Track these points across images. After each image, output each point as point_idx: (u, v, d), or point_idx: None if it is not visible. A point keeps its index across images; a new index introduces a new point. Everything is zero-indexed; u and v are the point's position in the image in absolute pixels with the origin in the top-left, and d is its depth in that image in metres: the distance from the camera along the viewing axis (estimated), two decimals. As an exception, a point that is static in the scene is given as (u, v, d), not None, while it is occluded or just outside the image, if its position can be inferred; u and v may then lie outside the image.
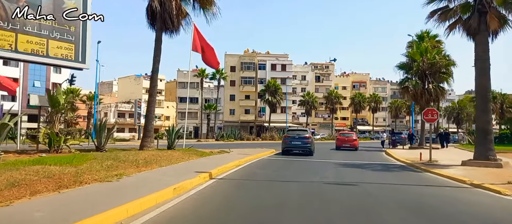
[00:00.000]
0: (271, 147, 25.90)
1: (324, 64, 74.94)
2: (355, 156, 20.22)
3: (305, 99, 61.56)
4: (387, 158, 18.92)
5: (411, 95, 26.52)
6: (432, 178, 10.70)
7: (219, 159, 14.34)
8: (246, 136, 41.63)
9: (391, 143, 27.81)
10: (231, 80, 64.55)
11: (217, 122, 64.84)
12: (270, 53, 67.15)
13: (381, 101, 74.19)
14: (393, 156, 19.23)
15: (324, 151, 24.39)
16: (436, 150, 24.85)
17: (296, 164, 14.60)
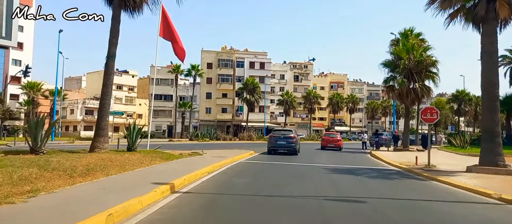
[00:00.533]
0: (249, 148, 23.68)
1: (303, 63, 73.63)
2: (342, 159, 18.39)
3: (284, 98, 59.83)
4: (377, 161, 17.16)
5: (396, 94, 25.13)
6: (446, 190, 8.82)
7: (188, 163, 11.93)
8: (222, 135, 39.22)
9: (374, 144, 26.33)
10: (207, 77, 61.81)
11: (193, 121, 61.86)
12: (249, 51, 64.93)
13: (359, 102, 73.81)
14: (383, 159, 17.51)
15: (308, 152, 22.48)
16: (421, 152, 23.59)
17: (281, 169, 12.44)
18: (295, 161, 15.78)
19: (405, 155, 20.27)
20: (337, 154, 22.68)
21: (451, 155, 20.30)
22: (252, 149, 22.33)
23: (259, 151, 21.87)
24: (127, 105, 67.70)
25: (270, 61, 64.00)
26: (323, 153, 22.89)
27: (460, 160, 16.97)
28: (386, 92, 26.41)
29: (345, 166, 14.09)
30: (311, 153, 22.82)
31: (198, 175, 9.43)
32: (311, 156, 19.36)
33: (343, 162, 16.42)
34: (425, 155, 20.50)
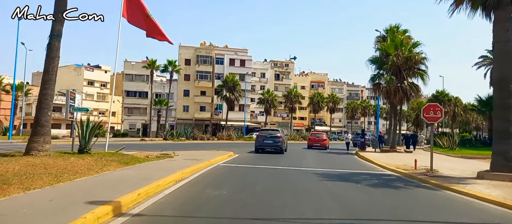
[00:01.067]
0: (229, 148, 21.60)
1: (284, 62, 72.15)
2: (331, 161, 16.70)
3: (265, 97, 58.03)
4: (369, 165, 15.51)
5: (384, 92, 23.78)
6: (471, 204, 7.12)
7: (152, 169, 9.73)
8: (200, 135, 36.86)
9: (359, 144, 24.89)
10: (185, 74, 59.04)
11: (169, 119, 58.97)
12: (229, 47, 62.68)
13: (339, 102, 73.17)
14: (374, 161, 15.91)
15: (294, 152, 20.68)
16: (410, 154, 22.33)
17: (267, 175, 10.46)
18: (282, 164, 13.87)
19: (395, 157, 18.83)
20: (324, 154, 21.04)
21: (444, 157, 19.04)
22: (232, 150, 20.28)
23: (240, 151, 19.85)
24: (99, 102, 63.81)
25: (250, 59, 62.03)
26: (310, 152, 21.24)
27: (459, 163, 15.62)
28: (372, 90, 24.98)
29: (339, 171, 12.29)
30: (297, 153, 21.09)
31: (161, 186, 7.29)
32: (298, 157, 17.57)
33: (334, 165, 14.67)
34: (406, 156, 19.34)
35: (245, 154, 19.22)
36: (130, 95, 58.51)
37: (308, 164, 14.56)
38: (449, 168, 12.95)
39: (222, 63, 59.96)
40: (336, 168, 13.08)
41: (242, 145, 30.85)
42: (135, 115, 58.42)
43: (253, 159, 16.59)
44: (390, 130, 30.76)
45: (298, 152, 22.80)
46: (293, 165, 13.66)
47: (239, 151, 20.29)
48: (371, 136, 35.56)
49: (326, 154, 22.33)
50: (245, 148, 24.63)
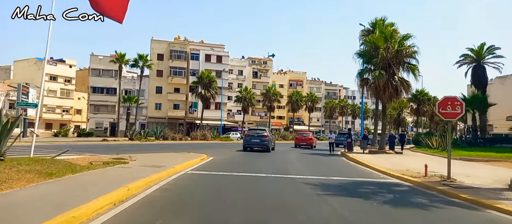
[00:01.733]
0: (202, 150, 18.89)
1: (262, 59, 69.84)
2: (322, 165, 14.39)
3: (243, 95, 55.39)
4: (366, 170, 13.26)
5: (372, 88, 21.81)
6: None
7: (85, 184, 6.86)
8: (171, 134, 33.55)
9: (346, 145, 22.83)
10: (158, 70, 55.35)
11: (140, 118, 55.07)
12: (205, 43, 59.51)
13: (318, 101, 71.77)
14: (371, 165, 13.70)
15: (279, 155, 18.16)
16: (395, 155, 20.49)
17: (247, 189, 7.85)
18: (266, 169, 11.34)
19: (388, 159, 16.80)
20: (310, 156, 18.81)
21: (440, 160, 17.17)
22: (206, 152, 17.61)
23: (215, 154, 17.17)
24: (63, 99, 58.70)
25: (227, 55, 59.18)
26: (295, 153, 19.02)
27: (466, 167, 13.68)
28: (360, 86, 22.97)
29: (336, 180, 9.90)
30: (281, 154, 18.68)
31: (78, 218, 4.51)
32: (283, 160, 15.15)
33: (326, 170, 12.31)
34: (416, 160, 17.38)
35: (220, 156, 16.56)
36: (97, 91, 54.11)
37: (297, 169, 12.08)
38: (461, 174, 10.88)
39: (198, 59, 56.74)
40: (331, 175, 10.68)
41: (218, 146, 28.08)
42: (103, 112, 54.06)
43: (230, 163, 13.96)
44: (375, 129, 29.09)
45: (282, 153, 20.38)
46: (279, 171, 11.14)
47: (214, 153, 17.60)
48: (354, 136, 33.83)
49: (311, 155, 20.06)
50: (221, 149, 21.95)
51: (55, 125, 56.31)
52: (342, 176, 10.60)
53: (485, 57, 35.93)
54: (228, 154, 18.51)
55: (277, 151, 23.04)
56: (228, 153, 19.66)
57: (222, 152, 20.43)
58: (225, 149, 23.79)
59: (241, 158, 16.64)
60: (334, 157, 19.67)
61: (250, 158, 16.82)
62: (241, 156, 17.62)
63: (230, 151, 21.14)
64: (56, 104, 58.43)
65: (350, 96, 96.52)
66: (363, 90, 22.93)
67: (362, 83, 22.59)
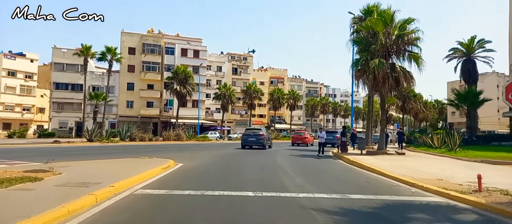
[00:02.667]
0: (172, 153, 15.28)
1: (242, 55, 66.33)
2: (323, 174, 11.07)
3: (222, 92, 51.64)
4: (381, 179, 10.05)
5: (370, 80, 18.82)
6: None
7: None
8: (139, 135, 29.13)
9: (341, 145, 19.79)
10: (129, 65, 50.69)
11: (110, 117, 50.27)
12: (181, 36, 55.31)
13: (300, 99, 69.09)
14: (385, 173, 10.57)
15: (269, 159, 14.68)
16: (400, 157, 17.64)
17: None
18: (255, 184, 7.94)
19: (399, 163, 13.82)
20: (304, 160, 15.44)
21: (459, 163, 14.35)
22: (176, 156, 14.02)
23: (186, 159, 13.65)
24: (23, 97, 52.91)
25: (205, 49, 55.21)
26: (286, 157, 15.56)
27: (500, 173, 10.79)
28: (355, 77, 19.98)
29: (358, 200, 6.62)
30: (270, 158, 15.20)
31: None
32: (275, 168, 11.70)
33: (335, 184, 9.04)
34: (426, 163, 14.34)
35: (193, 162, 13.01)
36: (60, 88, 48.80)
37: (294, 182, 8.72)
38: (509, 184, 7.89)
39: (173, 54, 52.46)
40: (345, 191, 7.37)
41: (193, 147, 24.36)
42: (67, 111, 48.81)
43: (203, 173, 10.43)
44: (369, 127, 26.33)
45: (268, 155, 17.03)
46: (273, 187, 7.74)
47: (186, 158, 14.05)
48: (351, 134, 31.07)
49: (303, 158, 16.81)
50: (196, 152, 18.33)
51: (15, 124, 50.46)
52: (362, 193, 7.32)
53: (475, 51, 34.08)
54: (203, 159, 14.97)
55: (262, 152, 19.69)
56: (204, 157, 16.11)
57: (197, 155, 16.84)
58: (201, 151, 20.19)
59: (220, 164, 13.14)
60: (329, 160, 16.53)
61: (231, 164, 13.37)
62: (220, 162, 14.12)
63: (207, 154, 17.58)
64: (16, 102, 52.53)
65: (330, 94, 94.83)
66: (358, 82, 19.89)
67: (358, 75, 19.57)
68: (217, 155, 17.67)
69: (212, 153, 19.06)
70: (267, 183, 8.36)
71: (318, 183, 8.76)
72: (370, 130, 25.65)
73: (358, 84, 20.19)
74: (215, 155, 17.59)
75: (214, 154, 18.33)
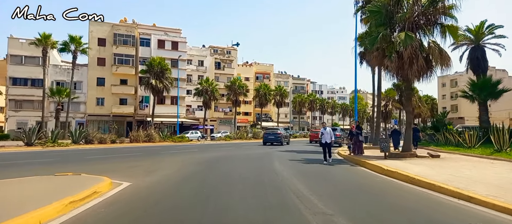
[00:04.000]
0: (128, 163, 10.34)
1: (226, 48, 61.12)
2: (359, 196, 6.19)
3: (204, 87, 46.33)
4: (456, 204, 5.37)
5: (393, 61, 14.22)
6: None
7: None
8: (98, 135, 22.74)
9: (354, 145, 15.21)
10: (99, 57, 44.71)
11: (78, 116, 44.20)
12: (158, 27, 49.65)
13: (287, 95, 64.57)
14: (463, 194, 5.89)
15: (267, 166, 9.69)
16: (427, 159, 13.21)
17: None
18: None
19: (452, 170, 9.32)
20: (313, 168, 10.51)
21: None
22: (128, 167, 9.15)
23: (143, 172, 8.96)
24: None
25: (185, 41, 49.73)
26: (289, 165, 10.59)
27: None
28: (373, 58, 15.38)
29: None
30: (268, 164, 10.20)
31: None
32: (278, 183, 6.80)
33: (383, 213, 4.24)
34: (484, 171, 9.50)
35: (149, 178, 8.10)
36: (18, 83, 42.26)
37: (313, 208, 3.93)
38: None
39: (148, 45, 46.77)
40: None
41: (165, 151, 19.21)
42: (27, 109, 42.30)
43: (148, 210, 5.39)
44: (378, 122, 22.01)
45: (264, 159, 12.14)
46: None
47: (145, 170, 9.20)
48: (341, 132, 26.70)
49: (308, 165, 12.03)
50: (164, 160, 13.23)
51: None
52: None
53: (484, 37, 30.28)
54: (168, 170, 9.99)
55: (256, 155, 14.82)
56: (172, 166, 11.13)
57: (163, 164, 11.82)
58: (174, 156, 15.15)
59: (191, 182, 8.20)
60: (344, 166, 11.91)
61: (210, 180, 8.44)
62: (193, 177, 9.18)
63: (178, 162, 12.58)
64: (-34, 101, 45.54)
65: (317, 90, 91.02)
66: (376, 64, 15.28)
67: (375, 56, 14.92)
68: (193, 162, 12.70)
69: (187, 159, 14.07)
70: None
71: (351, 212, 4.02)
72: (379, 126, 21.24)
73: (373, 64, 15.51)
74: (190, 162, 12.61)
75: (189, 160, 13.35)
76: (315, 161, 13.44)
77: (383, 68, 15.11)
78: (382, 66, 15.02)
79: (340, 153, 17.12)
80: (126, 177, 8.09)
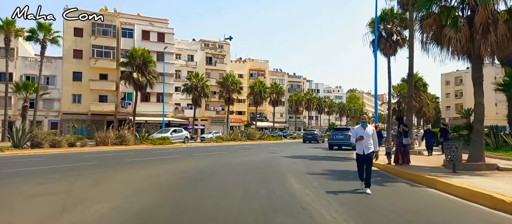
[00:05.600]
0: (57, 184, 5.27)
1: (218, 42, 56.16)
2: None
3: (193, 82, 41.30)
4: None
5: (459, 27, 9.56)
6: None
7: None
8: (50, 137, 16.92)
9: (401, 150, 10.54)
10: (75, 49, 39.43)
11: (50, 114, 38.83)
12: (142, 16, 44.49)
13: (283, 93, 59.91)
14: None
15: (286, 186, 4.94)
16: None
17: None
18: None
19: None
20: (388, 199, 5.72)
21: None
22: (22, 202, 3.99)
23: (48, 217, 3.66)
24: None
25: (172, 32, 44.63)
26: (329, 181, 5.66)
27: None
28: (424, 28, 10.71)
29: None
30: (284, 181, 5.50)
31: None
32: None
33: None
34: None
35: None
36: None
37: None
38: None
39: (131, 36, 41.57)
40: None
41: (130, 158, 14.23)
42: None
43: None
44: (409, 120, 17.51)
45: (272, 177, 7.26)
46: None
47: (45, 211, 4.12)
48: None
49: (359, 198, 7.23)
50: (111, 181, 8.08)
51: None
52: None
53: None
54: (101, 209, 5.07)
55: (258, 165, 9.98)
56: (114, 198, 6.24)
57: (104, 191, 6.93)
58: (134, 172, 10.24)
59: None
60: (401, 188, 7.27)
61: None
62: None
63: (133, 185, 7.72)
64: None
65: (313, 89, 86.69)
66: (430, 38, 10.56)
67: (430, 22, 10.21)
68: (159, 181, 7.87)
69: (153, 174, 9.23)
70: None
71: None
72: (411, 126, 16.64)
73: (425, 41, 10.80)
74: (154, 183, 7.76)
75: (155, 178, 8.51)
76: (344, 176, 8.76)
77: (437, 43, 10.42)
78: (437, 39, 10.33)
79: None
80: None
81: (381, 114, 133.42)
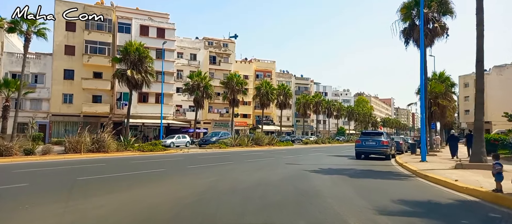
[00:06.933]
0: None
1: (222, 41, 52.30)
2: None
3: (195, 82, 37.31)
4: None
5: None
6: None
7: None
8: (16, 144, 13.58)
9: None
10: (67, 45, 35.76)
11: (39, 116, 35.05)
12: (140, 10, 40.76)
13: (291, 95, 55.69)
14: None
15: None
16: None
17: None
18: None
19: None
20: None
21: None
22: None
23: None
24: None
25: (173, 28, 40.81)
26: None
27: None
28: None
29: None
30: None
31: None
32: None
33: None
34: None
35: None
36: (-39, 75, 32.96)
37: None
38: None
39: (129, 32, 37.81)
40: None
41: (97, 174, 10.06)
42: (-28, 108, 32.90)
43: None
44: (480, 120, 13.40)
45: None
46: None
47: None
48: (388, 138, 17.91)
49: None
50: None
51: None
52: None
53: None
54: None
55: (290, 179, 5.81)
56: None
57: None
58: (53, 207, 6.02)
59: None
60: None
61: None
62: None
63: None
64: None
65: (321, 92, 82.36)
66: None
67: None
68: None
69: (110, 214, 5.05)
70: None
71: None
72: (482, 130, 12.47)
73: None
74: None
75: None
76: (443, 213, 4.56)
77: None
78: None
79: (465, 189, 8.27)
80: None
81: (389, 118, 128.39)
